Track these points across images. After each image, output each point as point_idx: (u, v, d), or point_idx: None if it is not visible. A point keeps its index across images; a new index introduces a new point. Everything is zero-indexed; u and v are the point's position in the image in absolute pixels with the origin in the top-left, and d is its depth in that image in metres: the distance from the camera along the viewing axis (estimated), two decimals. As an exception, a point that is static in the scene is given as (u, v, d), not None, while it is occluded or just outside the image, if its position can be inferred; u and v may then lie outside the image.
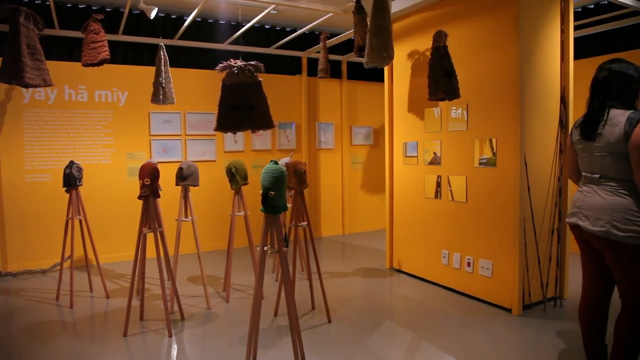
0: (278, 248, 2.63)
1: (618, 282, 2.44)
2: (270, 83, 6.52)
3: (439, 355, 3.07)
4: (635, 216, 2.29)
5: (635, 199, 2.31)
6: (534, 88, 3.76)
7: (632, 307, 2.40)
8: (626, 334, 2.42)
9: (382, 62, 3.67)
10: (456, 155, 4.26)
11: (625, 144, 2.31)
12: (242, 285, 4.63)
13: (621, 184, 2.37)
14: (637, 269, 2.34)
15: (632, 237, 2.28)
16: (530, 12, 3.71)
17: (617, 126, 2.34)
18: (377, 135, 7.59)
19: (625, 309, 2.44)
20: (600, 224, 2.38)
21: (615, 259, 2.39)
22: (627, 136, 2.29)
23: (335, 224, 7.33)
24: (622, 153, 2.34)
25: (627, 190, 2.34)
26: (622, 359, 2.43)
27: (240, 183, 4.16)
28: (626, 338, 2.42)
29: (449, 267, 4.37)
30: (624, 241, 2.30)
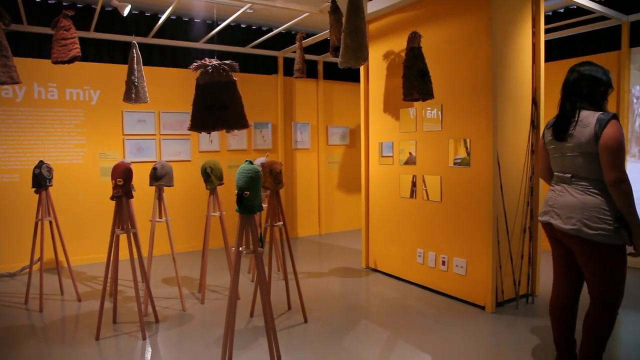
0: (253, 248, 2.62)
1: (587, 278, 2.51)
2: (246, 82, 6.50)
3: (414, 353, 3.10)
4: (605, 215, 2.35)
5: (605, 198, 2.38)
6: (507, 89, 3.83)
7: (600, 303, 2.47)
8: (594, 330, 2.49)
9: (357, 62, 3.68)
10: (431, 155, 4.31)
11: (595, 144, 2.37)
12: (218, 286, 4.59)
13: (592, 183, 2.43)
14: (606, 266, 2.41)
15: (602, 235, 2.35)
16: (502, 15, 3.78)
17: (587, 127, 2.41)
18: (353, 135, 7.62)
19: (594, 305, 2.50)
20: (571, 222, 2.44)
21: (585, 256, 2.46)
22: (597, 137, 2.36)
23: (312, 224, 7.33)
24: (593, 153, 2.40)
25: (598, 189, 2.41)
26: (590, 353, 2.50)
27: (215, 183, 4.12)
28: (594, 333, 2.49)
29: (424, 265, 4.42)
30: (594, 239, 2.36)
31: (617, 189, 2.31)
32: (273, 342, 2.66)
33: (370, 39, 5.03)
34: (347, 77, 7.34)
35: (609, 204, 2.37)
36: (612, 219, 2.34)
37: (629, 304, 3.92)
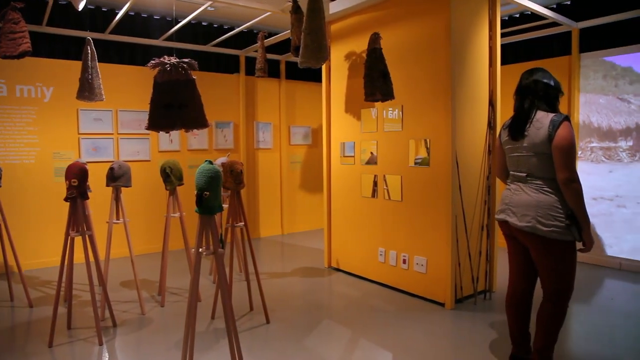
0: (214, 249, 2.58)
1: (541, 273, 2.62)
2: (207, 81, 6.42)
3: (376, 351, 3.13)
4: (558, 212, 2.46)
5: (558, 197, 2.49)
6: (465, 91, 3.93)
7: (553, 297, 2.58)
8: (547, 322, 2.60)
9: (317, 62, 3.70)
10: (392, 155, 4.37)
11: (549, 145, 2.48)
12: (178, 289, 4.50)
13: (546, 182, 2.53)
14: (558, 261, 2.52)
15: (555, 232, 2.45)
16: (461, 19, 3.87)
17: (541, 128, 2.51)
18: (315, 135, 7.63)
19: (546, 298, 2.62)
20: (526, 220, 2.53)
21: (539, 251, 2.56)
22: (551, 138, 2.47)
23: (274, 224, 7.30)
24: (546, 153, 2.50)
25: (551, 188, 2.51)
26: (543, 345, 2.61)
27: (175, 183, 4.04)
28: (547, 325, 2.60)
29: (385, 264, 4.48)
30: (548, 235, 2.47)
31: (568, 187, 2.42)
32: (234, 344, 2.64)
33: (332, 39, 5.06)
34: (310, 77, 7.35)
35: (561, 202, 2.47)
36: (564, 216, 2.45)
37: (579, 297, 4.10)
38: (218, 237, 2.59)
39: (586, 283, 4.56)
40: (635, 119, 4.99)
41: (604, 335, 3.31)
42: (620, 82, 5.10)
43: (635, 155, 5.00)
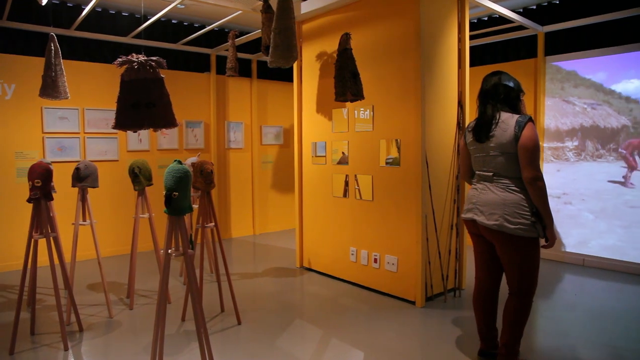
0: (183, 250, 2.55)
1: (506, 270, 2.69)
2: (178, 80, 6.33)
3: (347, 350, 3.15)
4: (524, 210, 2.53)
5: (524, 195, 2.56)
6: (434, 92, 3.99)
7: (518, 292, 2.66)
8: (513, 317, 2.67)
9: (286, 62, 3.69)
10: (363, 155, 4.40)
11: (515, 144, 2.55)
12: (148, 291, 4.43)
13: (512, 181, 2.60)
14: (523, 257, 2.59)
15: (521, 229, 2.52)
16: (430, 21, 3.92)
17: (507, 129, 2.58)
18: (287, 135, 7.62)
19: (512, 293, 2.69)
20: (494, 218, 2.60)
21: (505, 249, 2.63)
22: (517, 138, 2.54)
23: (246, 225, 7.25)
24: (512, 153, 2.58)
25: (517, 187, 2.58)
26: (510, 339, 2.68)
27: (144, 184, 3.97)
28: (513, 320, 2.67)
29: (357, 263, 4.50)
30: (514, 233, 2.53)
31: (533, 185, 2.50)
32: (205, 346, 2.61)
33: (304, 39, 5.06)
34: (281, 77, 7.33)
35: (527, 200, 2.55)
36: (529, 213, 2.53)
37: (544, 293, 4.21)
38: (188, 238, 2.56)
39: (551, 279, 4.69)
40: (580, 120, 5.29)
41: (568, 330, 3.42)
42: (565, 85, 5.38)
43: (580, 155, 5.30)
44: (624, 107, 5.00)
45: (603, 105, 5.13)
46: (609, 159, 5.09)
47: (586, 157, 5.28)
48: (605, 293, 4.28)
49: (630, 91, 4.95)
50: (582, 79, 5.26)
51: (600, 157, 5.16)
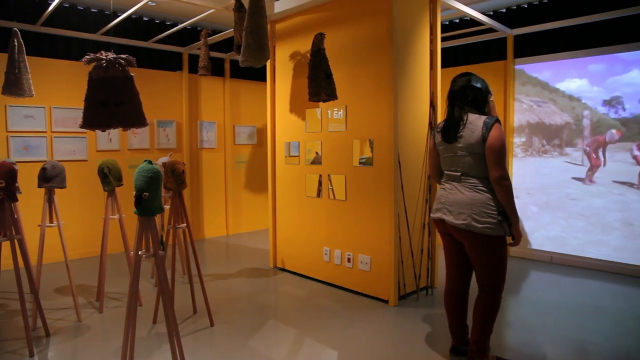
0: (154, 252, 2.51)
1: (475, 268, 2.75)
2: (149, 79, 6.22)
3: (321, 349, 3.15)
4: (491, 210, 2.58)
5: (491, 195, 2.61)
6: (407, 92, 4.03)
7: (487, 289, 2.71)
8: (482, 314, 2.72)
9: (258, 61, 3.68)
10: (336, 155, 4.41)
11: (482, 145, 2.60)
12: (118, 293, 4.34)
13: (479, 181, 2.65)
14: (491, 255, 2.65)
15: (489, 228, 2.57)
16: (403, 22, 3.96)
17: (475, 130, 2.63)
18: (260, 135, 7.58)
19: (481, 291, 2.75)
20: (462, 218, 2.64)
21: (474, 248, 2.67)
22: (484, 138, 2.59)
23: (219, 225, 7.19)
24: (480, 153, 2.63)
25: (485, 186, 2.63)
26: (480, 336, 2.73)
27: (113, 184, 3.89)
28: (482, 317, 2.72)
29: (330, 263, 4.51)
30: (481, 232, 2.58)
31: (500, 184, 2.55)
32: (177, 348, 2.58)
33: (277, 39, 5.05)
34: (255, 76, 7.29)
35: (493, 200, 2.60)
36: (496, 212, 2.57)
37: (513, 290, 4.30)
38: (158, 239, 2.52)
39: (520, 276, 4.80)
40: (527, 117, 5.56)
41: (536, 325, 3.50)
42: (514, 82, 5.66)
43: (527, 150, 5.59)
44: (567, 105, 5.31)
45: (548, 103, 5.43)
46: (554, 154, 5.40)
47: (533, 152, 5.56)
48: (571, 289, 4.40)
49: (572, 90, 5.27)
50: (529, 77, 5.54)
51: (546, 152, 5.47)
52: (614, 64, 4.98)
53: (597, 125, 5.10)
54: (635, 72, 4.84)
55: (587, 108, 5.16)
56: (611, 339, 3.26)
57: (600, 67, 5.08)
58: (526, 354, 3.04)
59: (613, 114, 5.02)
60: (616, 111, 5.01)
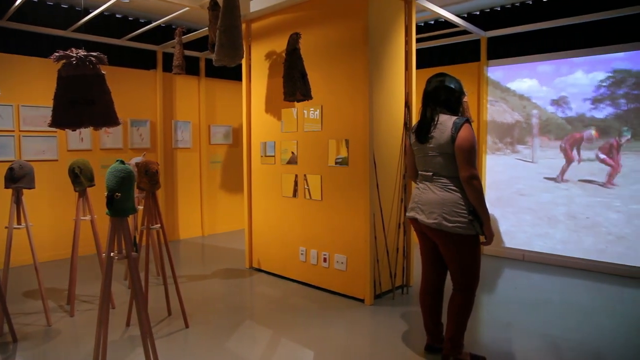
0: (127, 253, 2.47)
1: (449, 267, 2.78)
2: (122, 77, 6.11)
3: (297, 349, 3.14)
4: (462, 209, 2.62)
5: (461, 194, 2.65)
6: (382, 93, 4.05)
7: (461, 287, 2.75)
8: (457, 312, 2.75)
9: (232, 60, 3.65)
10: (312, 155, 4.41)
11: (452, 145, 2.63)
12: (90, 296, 4.25)
13: (450, 180, 2.69)
14: (464, 255, 2.68)
15: (459, 227, 2.60)
16: (378, 23, 3.98)
17: (445, 130, 2.66)
18: (236, 135, 7.52)
19: (456, 289, 2.78)
20: (433, 217, 2.67)
21: (446, 246, 2.71)
22: (454, 139, 2.62)
23: (194, 226, 7.11)
24: (450, 153, 2.66)
25: (456, 186, 2.66)
26: (454, 333, 2.76)
27: (85, 184, 3.81)
28: (457, 315, 2.75)
29: (306, 263, 4.51)
30: (452, 231, 2.61)
31: (469, 184, 2.58)
32: (150, 351, 2.54)
33: (253, 38, 5.02)
34: (230, 76, 7.22)
35: (464, 199, 2.63)
36: (467, 212, 2.61)
37: (486, 288, 4.38)
38: (131, 240, 2.48)
39: (493, 274, 4.88)
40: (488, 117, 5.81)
41: (509, 322, 3.57)
42: None
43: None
44: (518, 104, 5.53)
45: (500, 102, 5.65)
46: (506, 151, 5.65)
47: (486, 150, 5.77)
48: (543, 286, 4.50)
49: (523, 90, 5.53)
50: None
51: (499, 150, 5.70)
52: (560, 65, 5.24)
53: (545, 123, 5.37)
54: (579, 74, 5.12)
55: (537, 107, 5.42)
56: (580, 333, 3.34)
57: (548, 68, 5.35)
58: (500, 350, 3.09)
59: (560, 113, 5.30)
60: (563, 110, 5.29)
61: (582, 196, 5.08)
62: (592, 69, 5.02)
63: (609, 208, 4.90)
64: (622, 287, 4.44)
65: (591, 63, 5.02)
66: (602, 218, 4.94)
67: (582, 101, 5.11)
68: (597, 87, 5.01)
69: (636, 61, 4.72)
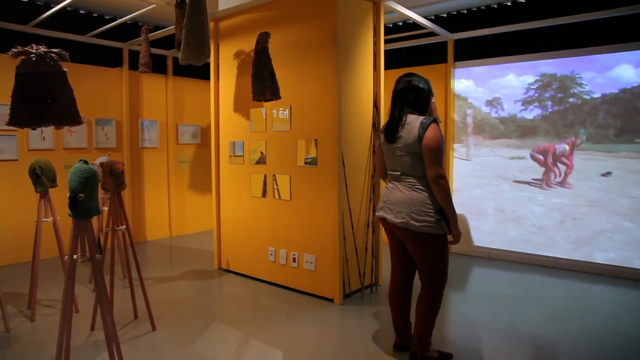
0: (90, 255, 2.41)
1: (417, 266, 2.82)
2: (86, 74, 5.96)
3: (267, 350, 3.13)
4: (429, 208, 2.65)
5: (429, 193, 2.68)
6: (350, 93, 4.08)
7: (429, 286, 2.79)
8: (425, 310, 2.79)
9: (197, 60, 3.61)
10: (281, 155, 4.40)
11: (419, 145, 2.66)
12: (53, 300, 4.12)
13: (418, 180, 2.72)
14: (431, 253, 2.72)
15: (426, 227, 2.64)
16: (346, 24, 4.00)
17: (412, 130, 2.69)
18: (204, 134, 7.43)
19: (424, 288, 2.82)
20: (401, 216, 2.70)
21: (414, 245, 2.74)
22: (421, 138, 2.65)
23: (162, 227, 6.99)
24: (418, 153, 2.69)
25: (423, 185, 2.70)
26: (422, 331, 2.80)
27: (47, 185, 3.70)
28: (425, 314, 2.79)
29: (275, 263, 4.50)
30: (419, 230, 2.64)
31: (436, 184, 2.62)
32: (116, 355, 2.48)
33: (221, 37, 4.97)
34: (199, 74, 7.13)
35: (431, 199, 2.67)
36: (434, 211, 2.65)
37: (454, 286, 4.45)
38: (95, 241, 2.42)
39: (460, 272, 4.98)
40: None
41: (476, 319, 3.64)
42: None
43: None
44: (455, 103, 5.80)
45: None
46: None
47: (453, 150, 5.95)
48: (508, 283, 4.62)
49: (460, 90, 5.84)
50: None
51: None
52: (494, 67, 5.53)
53: (480, 123, 5.65)
54: (511, 76, 5.44)
55: (472, 107, 5.69)
56: (543, 329, 3.44)
57: (483, 70, 5.63)
58: (466, 347, 3.15)
59: (494, 114, 5.61)
60: (496, 111, 5.61)
61: (510, 192, 5.49)
62: (522, 72, 5.36)
63: (533, 202, 5.35)
64: (587, 283, 4.59)
65: (521, 67, 5.37)
66: (527, 212, 5.39)
67: (514, 102, 5.45)
68: (526, 90, 5.35)
69: (561, 66, 5.09)
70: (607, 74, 4.83)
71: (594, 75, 4.91)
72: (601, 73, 4.87)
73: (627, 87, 4.73)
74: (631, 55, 4.67)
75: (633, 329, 3.47)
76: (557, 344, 3.21)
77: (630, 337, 3.31)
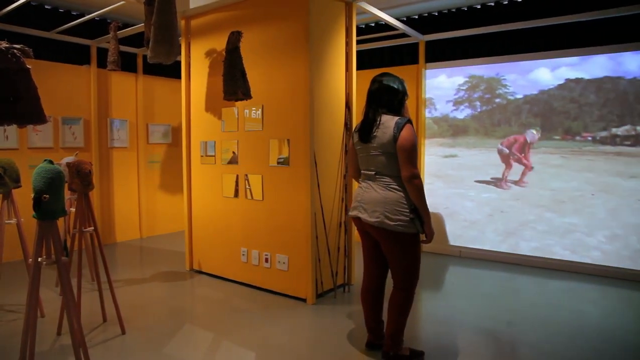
0: (56, 258, 2.34)
1: (390, 264, 2.84)
2: (52, 72, 5.80)
3: (239, 351, 3.11)
4: (403, 208, 2.68)
5: (403, 193, 2.71)
6: (323, 93, 4.08)
7: (401, 285, 2.81)
8: (397, 309, 2.82)
9: (167, 58, 3.57)
10: (253, 155, 4.37)
11: (394, 145, 2.69)
12: (17, 305, 3.99)
13: (393, 179, 2.74)
14: (405, 252, 2.75)
15: (401, 226, 2.66)
16: (319, 24, 4.01)
17: (387, 130, 2.71)
18: (175, 134, 7.33)
19: (396, 287, 2.84)
20: (375, 216, 2.72)
21: (388, 244, 2.76)
22: (395, 138, 2.68)
23: (132, 228, 6.86)
24: (392, 153, 2.71)
25: (398, 185, 2.72)
26: (394, 330, 2.83)
27: (10, 185, 3.59)
28: (397, 312, 2.82)
29: (248, 264, 4.47)
30: (394, 229, 2.67)
31: (410, 183, 2.65)
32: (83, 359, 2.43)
33: (192, 35, 4.91)
34: (169, 73, 7.03)
35: (406, 198, 2.70)
36: (408, 210, 2.67)
37: (426, 284, 4.52)
38: (61, 244, 2.36)
39: (432, 271, 5.05)
40: None
41: (447, 317, 3.70)
42: None
43: None
44: None
45: None
46: None
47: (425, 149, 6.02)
48: (478, 280, 4.71)
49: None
50: None
51: None
52: (428, 70, 5.80)
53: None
54: (442, 77, 5.73)
55: None
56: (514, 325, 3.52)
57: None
58: (438, 344, 3.20)
59: (428, 114, 5.87)
60: (430, 111, 5.86)
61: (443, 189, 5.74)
62: (452, 73, 5.61)
63: (464, 198, 5.63)
64: (558, 280, 4.72)
65: (451, 68, 5.63)
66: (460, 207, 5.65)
67: (446, 103, 5.71)
68: (457, 91, 5.62)
69: (488, 69, 5.40)
70: (528, 76, 5.18)
71: (516, 77, 5.26)
72: (522, 75, 5.22)
73: (545, 88, 5.10)
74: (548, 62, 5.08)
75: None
76: (527, 340, 3.29)
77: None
